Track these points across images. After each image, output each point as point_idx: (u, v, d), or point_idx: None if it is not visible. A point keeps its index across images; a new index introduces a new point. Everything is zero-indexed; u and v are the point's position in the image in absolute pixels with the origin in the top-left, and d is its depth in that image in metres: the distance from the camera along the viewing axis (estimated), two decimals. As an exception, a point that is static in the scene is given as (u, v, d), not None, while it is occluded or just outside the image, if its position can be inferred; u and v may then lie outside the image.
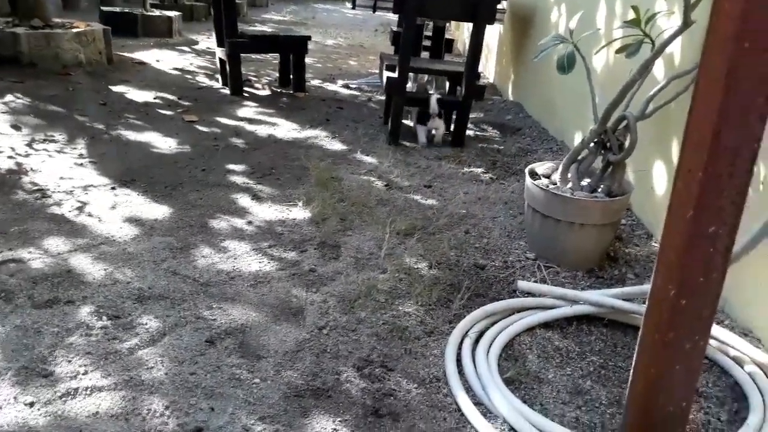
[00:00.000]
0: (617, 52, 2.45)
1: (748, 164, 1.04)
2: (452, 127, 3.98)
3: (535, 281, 2.26)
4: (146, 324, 1.87)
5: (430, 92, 5.07)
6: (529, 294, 2.09)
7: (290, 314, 1.96)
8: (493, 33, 6.21)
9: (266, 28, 8.90)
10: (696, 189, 1.08)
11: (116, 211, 2.64)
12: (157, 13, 7.69)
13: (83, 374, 1.63)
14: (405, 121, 4.17)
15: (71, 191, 2.81)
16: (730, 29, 1.03)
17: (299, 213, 2.73)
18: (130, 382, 1.62)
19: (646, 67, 2.11)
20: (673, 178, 1.11)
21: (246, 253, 2.34)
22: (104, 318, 1.88)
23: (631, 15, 2.28)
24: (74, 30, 5.29)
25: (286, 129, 4.07)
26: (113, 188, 2.88)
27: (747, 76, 1.04)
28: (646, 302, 1.21)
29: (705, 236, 1.10)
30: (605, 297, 1.96)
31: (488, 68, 6.55)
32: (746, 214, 1.13)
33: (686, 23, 1.93)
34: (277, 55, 5.69)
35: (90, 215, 2.59)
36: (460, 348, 1.81)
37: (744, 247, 1.51)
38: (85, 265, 2.19)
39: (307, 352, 1.78)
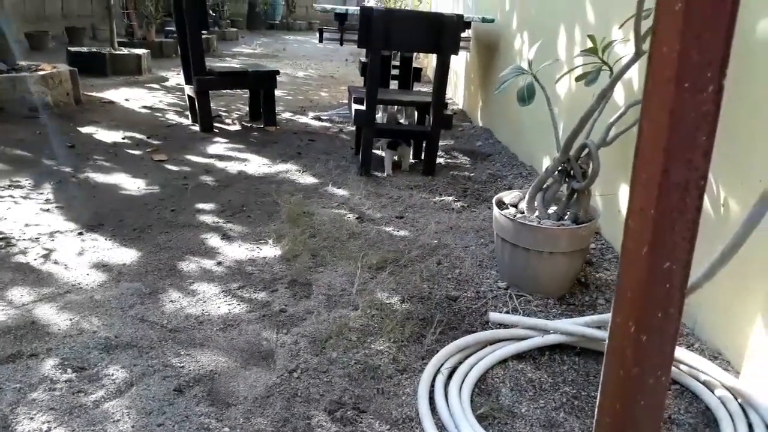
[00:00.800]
0: (577, 80, 2.50)
1: (696, 200, 1.06)
2: (422, 155, 4.01)
3: (507, 311, 2.26)
4: (113, 375, 1.82)
5: (400, 121, 5.12)
6: (501, 325, 2.09)
7: (260, 358, 1.93)
8: (460, 60, 6.30)
9: (236, 62, 8.92)
10: (649, 226, 1.09)
11: (83, 257, 2.60)
12: (125, 51, 7.68)
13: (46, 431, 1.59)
14: (376, 151, 4.19)
15: (37, 238, 2.76)
16: (669, 71, 1.05)
17: (270, 251, 2.71)
18: (95, 439, 1.57)
19: (604, 96, 2.15)
20: (624, 217, 1.12)
21: (215, 296, 2.31)
22: (69, 371, 1.83)
23: (589, 43, 2.34)
24: (40, 72, 5.26)
25: (257, 164, 4.06)
26: (80, 233, 2.84)
27: (689, 115, 1.06)
28: (607, 339, 1.21)
29: (661, 272, 1.11)
30: (576, 326, 1.96)
31: (457, 95, 6.63)
32: (710, 236, 1.15)
33: (638, 53, 1.97)
34: (246, 89, 5.71)
35: (56, 263, 2.54)
36: (432, 385, 1.79)
37: (705, 275, 1.52)
38: (51, 315, 2.14)
39: (278, 397, 1.75)
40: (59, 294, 2.29)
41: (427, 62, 8.80)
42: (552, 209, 2.43)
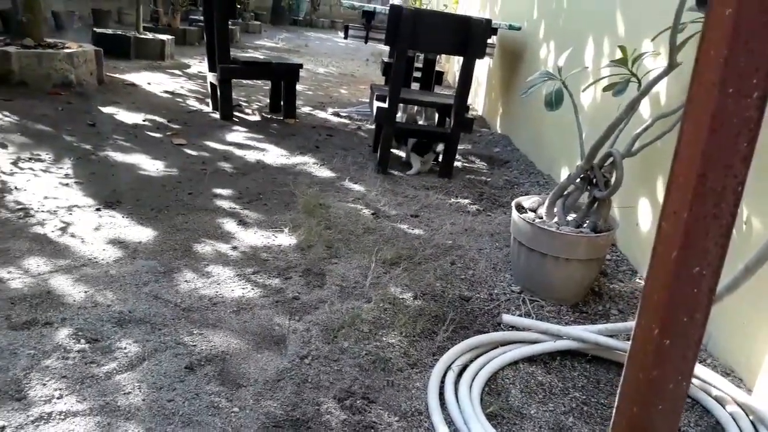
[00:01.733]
0: (605, 90, 2.49)
1: (732, 207, 1.05)
2: (440, 158, 4.01)
3: (520, 315, 2.25)
4: (125, 348, 1.83)
5: (419, 122, 5.12)
6: (514, 328, 2.09)
7: (272, 342, 1.94)
8: (482, 67, 6.30)
9: (258, 55, 8.96)
10: (681, 230, 1.08)
11: (100, 232, 2.62)
12: (149, 36, 7.73)
13: (58, 398, 1.59)
14: (394, 150, 4.19)
15: (55, 211, 2.78)
16: (715, 75, 1.04)
17: (285, 239, 2.72)
18: (105, 408, 1.58)
19: (633, 107, 2.15)
20: (658, 218, 1.12)
21: (229, 279, 2.32)
22: (82, 341, 1.84)
23: (618, 54, 2.33)
24: (66, 50, 5.30)
25: (275, 155, 4.08)
26: (98, 209, 2.86)
27: (731, 120, 1.05)
28: (630, 340, 1.21)
29: (690, 277, 1.10)
30: (589, 333, 1.96)
31: (477, 101, 6.63)
32: (731, 252, 1.14)
33: (671, 65, 1.97)
34: (268, 81, 5.73)
35: (73, 236, 2.56)
36: (443, 381, 1.79)
37: (727, 287, 1.52)
38: (66, 286, 2.15)
39: (288, 381, 1.75)
40: (75, 267, 2.31)
41: (449, 67, 8.80)
42: (571, 216, 2.42)
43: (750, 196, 1.95)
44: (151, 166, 3.58)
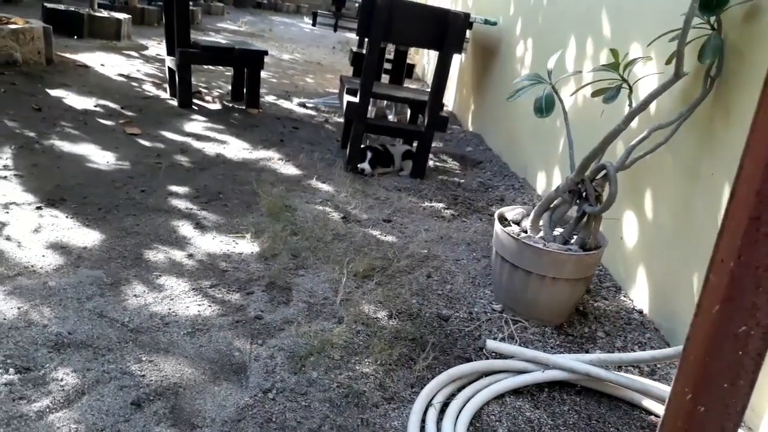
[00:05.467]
0: (593, 95, 2.34)
1: (792, 258, 0.88)
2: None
3: (503, 338, 2.09)
4: (62, 380, 1.60)
5: (389, 116, 4.92)
6: (498, 354, 1.92)
7: (231, 372, 1.73)
8: (454, 62, 6.12)
9: (221, 38, 8.59)
10: (726, 280, 0.91)
11: (40, 235, 2.35)
12: (105, 14, 7.30)
13: (-24, 446, 1.36)
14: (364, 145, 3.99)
15: (-11, 209, 2.50)
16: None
17: (247, 246, 2.49)
18: (34, 458, 1.35)
19: (632, 118, 1.99)
20: (706, 269, 0.95)
21: (184, 293, 2.08)
22: (11, 371, 1.60)
23: (603, 57, 2.17)
24: (11, 26, 4.91)
25: (236, 148, 3.82)
26: (39, 208, 2.58)
27: (797, 158, 0.87)
28: (665, 405, 1.04)
29: (733, 335, 0.94)
30: (579, 363, 1.80)
31: (448, 96, 6.45)
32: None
33: (678, 75, 1.81)
34: (230, 67, 5.44)
35: (8, 239, 2.29)
36: (423, 420, 1.61)
37: None
38: (-4, 300, 1.90)
39: (250, 421, 1.55)
40: (8, 276, 2.04)
41: (418, 59, 8.60)
42: (558, 231, 2.27)
43: None
44: (101, 158, 3.29)
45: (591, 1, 3.12)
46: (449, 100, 6.31)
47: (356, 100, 3.54)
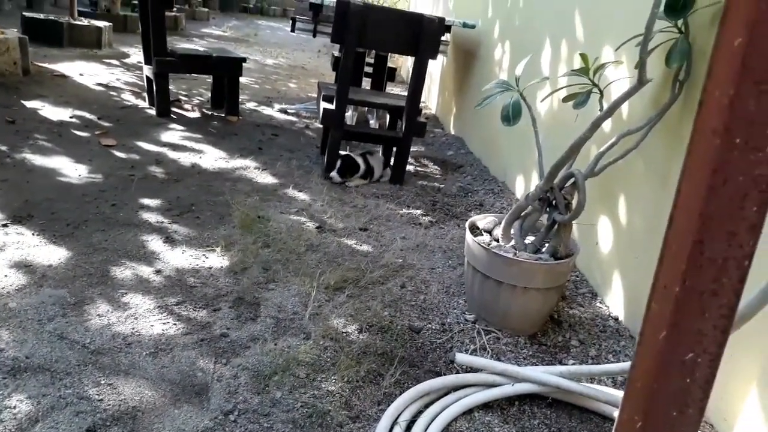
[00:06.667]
0: (564, 100, 2.31)
1: (736, 283, 0.85)
2: (391, 161, 3.80)
3: (475, 349, 2.06)
4: (15, 407, 1.55)
5: (370, 122, 4.89)
6: (468, 367, 1.89)
7: (193, 393, 1.69)
8: (436, 64, 6.10)
9: (204, 44, 8.55)
10: (671, 307, 0.88)
11: (4, 253, 2.30)
12: (85, 22, 7.24)
13: None
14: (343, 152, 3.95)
15: (-47, 227, 2.45)
16: (717, 121, 0.84)
17: (216, 260, 2.45)
18: (-20, 492, 1.31)
19: (598, 125, 1.96)
20: (648, 295, 0.92)
21: (149, 312, 2.04)
22: (-37, 399, 1.56)
23: (577, 61, 2.15)
24: (-15, 37, 4.86)
25: (213, 157, 3.78)
26: (5, 225, 2.53)
27: (736, 177, 0.84)
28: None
29: (680, 363, 0.90)
30: (549, 375, 1.77)
31: (431, 99, 6.43)
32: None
33: (641, 81, 1.79)
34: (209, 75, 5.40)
35: (-29, 258, 2.24)
36: (387, 440, 1.58)
37: (747, 309, 1.30)
38: (-47, 324, 1.85)
39: (209, 445, 1.51)
40: (-32, 298, 2.00)
41: (402, 62, 8.58)
42: (529, 239, 2.24)
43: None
44: (73, 171, 3.25)
45: (564, 3, 3.10)
46: (432, 103, 6.30)
47: (332, 107, 3.51)
